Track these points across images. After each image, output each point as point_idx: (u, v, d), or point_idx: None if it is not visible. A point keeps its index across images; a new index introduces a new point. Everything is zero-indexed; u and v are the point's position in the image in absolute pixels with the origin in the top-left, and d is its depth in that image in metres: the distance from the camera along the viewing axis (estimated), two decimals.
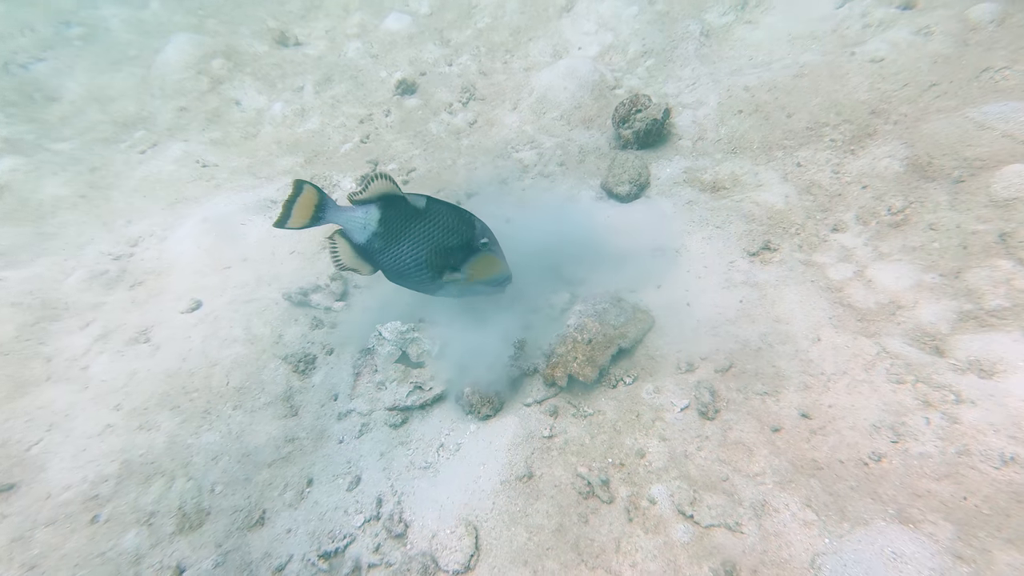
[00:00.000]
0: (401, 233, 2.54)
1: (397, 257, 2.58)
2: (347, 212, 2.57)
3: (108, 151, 5.04)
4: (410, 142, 4.72)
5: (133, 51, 6.15)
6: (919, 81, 3.37)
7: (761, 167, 3.51)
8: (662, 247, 3.35)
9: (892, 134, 3.22)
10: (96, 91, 5.66)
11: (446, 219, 2.54)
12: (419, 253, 2.55)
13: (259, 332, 3.48)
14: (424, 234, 2.54)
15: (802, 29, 4.30)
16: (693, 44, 4.63)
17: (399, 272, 2.64)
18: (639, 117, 3.92)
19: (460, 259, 2.58)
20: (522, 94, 4.79)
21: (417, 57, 5.55)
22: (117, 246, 4.16)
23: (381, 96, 5.24)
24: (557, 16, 5.52)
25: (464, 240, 2.56)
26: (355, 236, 2.59)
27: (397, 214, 2.53)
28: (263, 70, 5.68)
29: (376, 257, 2.61)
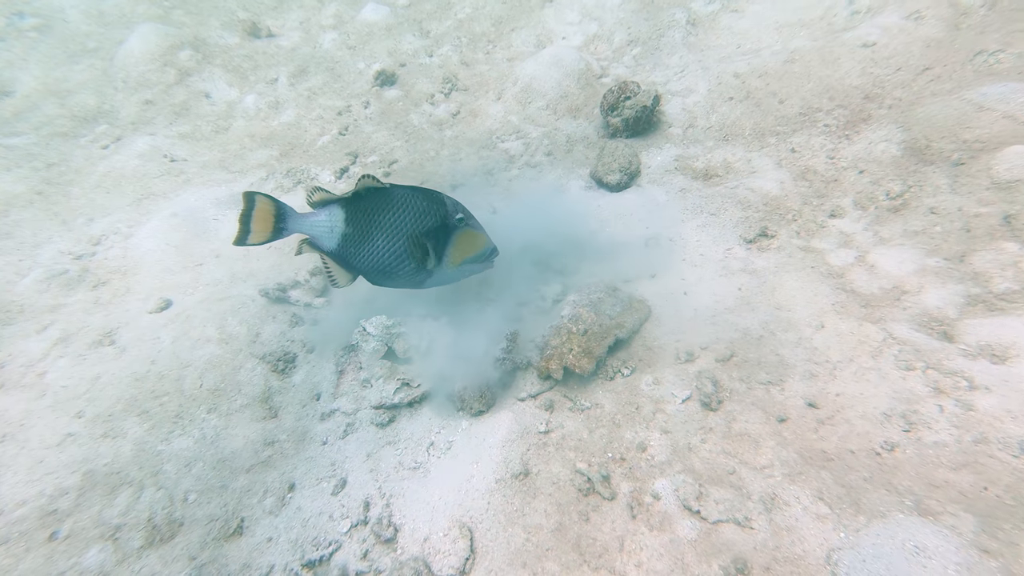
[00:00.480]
0: (372, 227, 2.34)
1: (374, 255, 2.38)
2: (310, 218, 2.38)
3: (67, 146, 4.76)
4: (391, 134, 4.55)
5: (93, 43, 5.86)
6: (912, 65, 3.33)
7: (754, 154, 3.43)
8: (656, 236, 3.25)
9: (887, 118, 3.17)
10: (53, 84, 5.36)
11: (414, 202, 2.36)
12: (397, 245, 2.36)
13: (234, 331, 3.27)
14: (396, 223, 2.35)
15: (789, 17, 4.26)
16: (680, 32, 4.56)
17: (381, 270, 2.44)
18: (628, 104, 3.83)
19: (440, 241, 2.40)
20: (506, 84, 4.66)
21: (396, 48, 5.39)
22: (78, 245, 3.91)
23: (359, 88, 5.06)
24: (540, 6, 5.40)
25: (439, 220, 2.38)
26: (324, 243, 2.40)
27: (362, 209, 2.34)
28: (234, 62, 5.45)
29: (352, 261, 2.42)
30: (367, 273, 2.49)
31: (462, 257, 2.45)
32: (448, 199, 2.43)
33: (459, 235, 2.42)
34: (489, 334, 3.06)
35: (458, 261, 2.46)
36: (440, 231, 2.39)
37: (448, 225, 2.40)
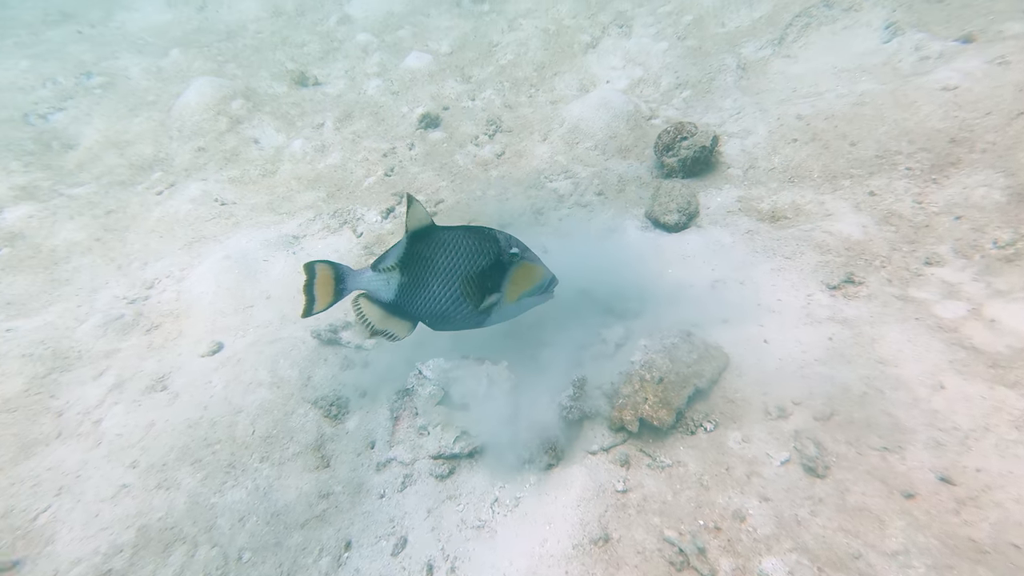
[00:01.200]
0: (426, 274, 2.35)
1: (431, 301, 2.38)
2: (366, 273, 2.45)
3: (124, 194, 4.88)
4: (436, 174, 4.56)
5: (151, 96, 6.10)
6: (1004, 110, 3.22)
7: (826, 196, 3.31)
8: (723, 279, 3.11)
9: (982, 163, 3.04)
10: (114, 136, 5.56)
11: (466, 243, 2.35)
12: (452, 289, 2.35)
13: (286, 374, 3.20)
14: (449, 267, 2.35)
15: (847, 63, 4.20)
16: (731, 76, 4.54)
17: (440, 316, 2.44)
18: (685, 145, 3.76)
19: (496, 279, 2.38)
20: (552, 125, 4.66)
21: (439, 93, 5.48)
22: (132, 289, 3.93)
23: (404, 130, 5.12)
24: (582, 52, 5.47)
25: (492, 258, 2.36)
26: (382, 295, 2.43)
27: (415, 256, 2.37)
28: (282, 109, 5.60)
29: (410, 309, 2.43)
30: (426, 319, 2.48)
31: (520, 292, 2.42)
32: (501, 235, 2.41)
33: (515, 270, 2.39)
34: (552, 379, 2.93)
35: (516, 296, 2.43)
36: (495, 269, 2.37)
37: (503, 262, 2.37)
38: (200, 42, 7.06)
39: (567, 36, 5.66)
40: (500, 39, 5.91)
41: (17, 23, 7.67)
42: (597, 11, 5.96)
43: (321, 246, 4.15)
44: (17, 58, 6.73)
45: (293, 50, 6.70)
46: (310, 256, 4.05)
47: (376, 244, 4.04)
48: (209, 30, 7.41)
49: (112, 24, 7.68)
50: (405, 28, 6.51)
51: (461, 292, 2.35)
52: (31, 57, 6.78)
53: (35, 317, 3.66)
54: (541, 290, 2.47)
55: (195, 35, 7.29)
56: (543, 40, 5.69)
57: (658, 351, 2.59)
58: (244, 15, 7.57)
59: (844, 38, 4.47)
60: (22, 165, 5.16)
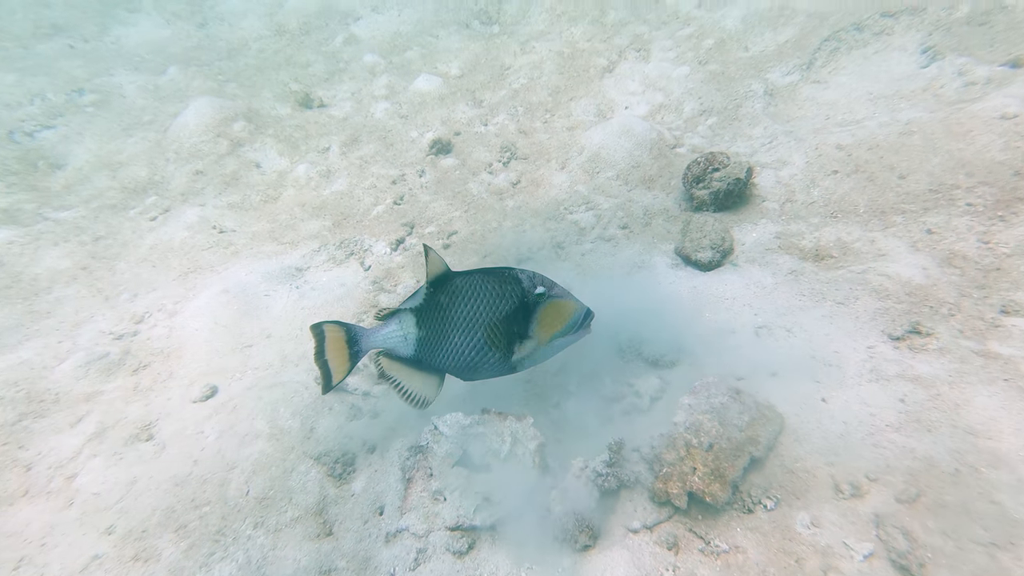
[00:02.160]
0: (446, 325, 2.20)
1: (454, 353, 2.22)
2: (381, 331, 2.28)
3: (116, 219, 4.61)
4: (449, 203, 4.31)
5: (148, 116, 5.87)
6: None
7: (876, 234, 3.06)
8: (768, 325, 2.84)
9: None
10: (106, 157, 5.30)
11: (485, 288, 2.19)
12: (476, 338, 2.19)
13: (286, 425, 2.90)
14: (470, 316, 2.18)
15: (883, 89, 4.00)
16: (759, 103, 4.33)
17: (468, 367, 2.28)
18: (717, 176, 3.53)
19: (523, 322, 2.21)
20: (570, 153, 4.44)
21: (450, 117, 5.26)
22: (120, 323, 3.63)
23: (413, 156, 4.89)
24: (599, 77, 5.28)
25: (516, 301, 2.19)
26: (402, 351, 2.27)
27: (432, 307, 2.22)
28: (285, 132, 5.37)
29: (434, 363, 2.27)
30: (453, 371, 2.32)
31: (551, 333, 2.24)
32: (524, 274, 2.24)
33: (543, 310, 2.21)
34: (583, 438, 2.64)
35: (548, 339, 2.25)
36: (521, 312, 2.20)
37: (529, 303, 2.20)
38: (200, 60, 6.86)
39: (582, 60, 5.47)
40: (512, 62, 5.72)
41: (5, 35, 7.44)
42: (613, 34, 5.79)
43: (326, 279, 3.88)
44: (3, 72, 6.49)
45: (297, 70, 6.51)
46: (315, 290, 3.77)
47: (385, 278, 3.77)
48: (209, 48, 7.22)
49: (107, 39, 7.47)
50: (413, 49, 6.33)
51: (485, 341, 2.19)
52: (19, 71, 6.54)
53: (9, 354, 3.36)
54: (575, 327, 2.27)
55: (194, 52, 7.09)
56: (557, 64, 5.50)
57: (705, 411, 2.30)
58: (246, 33, 7.39)
59: (877, 63, 4.28)
60: (4, 186, 4.89)
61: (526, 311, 2.19)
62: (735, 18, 5.36)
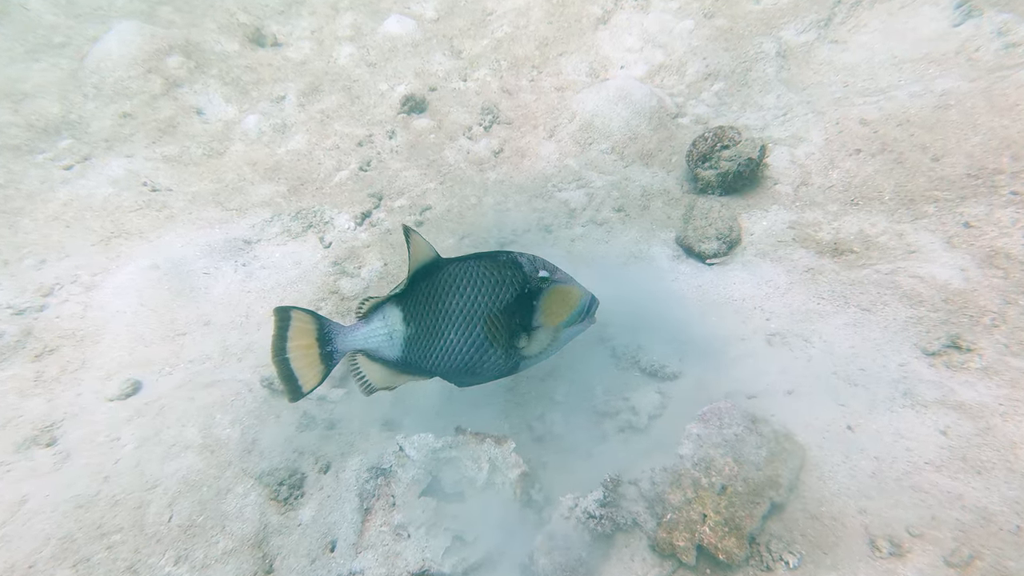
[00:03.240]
0: (439, 320, 1.88)
1: (449, 352, 1.90)
2: (361, 329, 1.90)
3: (19, 163, 3.92)
4: (422, 173, 3.79)
5: (59, 37, 5.00)
6: None
7: (906, 226, 2.71)
8: (782, 333, 2.50)
9: None
10: (6, 85, 4.50)
11: (482, 275, 1.91)
12: (473, 335, 1.89)
13: (223, 435, 2.46)
14: (466, 308, 1.88)
15: (909, 51, 3.59)
16: (772, 66, 3.88)
17: (465, 369, 1.95)
18: (727, 156, 3.11)
19: (526, 312, 1.93)
20: (560, 119, 3.94)
21: (424, 69, 4.64)
22: (21, 295, 3.07)
23: (382, 113, 4.30)
24: (592, 28, 4.71)
25: (518, 287, 1.92)
26: (386, 353, 1.91)
27: (421, 300, 1.89)
28: (233, 73, 4.66)
29: (425, 364, 1.93)
30: (446, 375, 1.98)
31: (557, 322, 1.97)
32: (524, 258, 1.97)
33: (547, 297, 1.94)
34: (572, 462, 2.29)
35: (554, 329, 1.98)
36: (523, 300, 1.92)
37: (532, 290, 1.93)
38: None
39: (574, 7, 4.87)
40: (495, 6, 5.08)
41: None
42: None
43: (279, 256, 3.36)
44: None
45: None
46: (265, 269, 3.27)
47: (348, 259, 3.28)
48: None
49: None
50: None
51: (485, 337, 1.89)
52: None
53: None
54: (582, 316, 2.01)
55: None
56: (546, 10, 4.89)
57: (717, 445, 1.96)
58: None
59: (903, 19, 3.83)
60: None
61: (529, 299, 1.91)
62: None
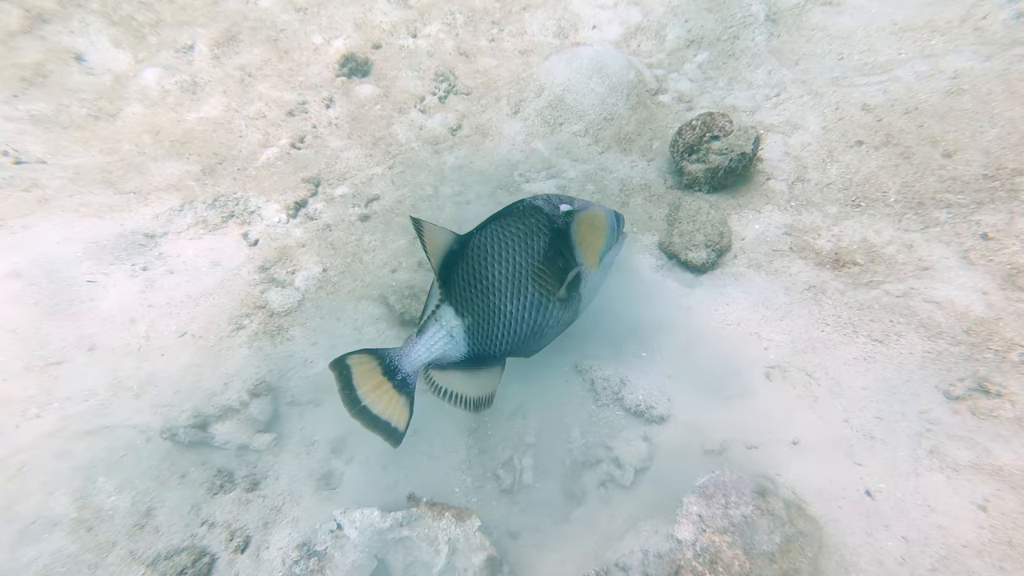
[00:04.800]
0: (490, 297, 1.83)
1: (513, 326, 1.86)
2: (420, 342, 1.82)
3: None
4: (367, 153, 3.21)
5: None
6: None
7: (915, 235, 2.41)
8: (782, 365, 2.19)
9: None
10: None
11: (508, 233, 1.85)
12: (528, 297, 1.85)
13: (107, 503, 1.97)
14: (511, 275, 1.83)
15: (911, 16, 3.22)
16: (761, 34, 3.44)
17: (532, 334, 1.91)
18: (716, 148, 2.71)
19: (565, 251, 1.89)
20: (526, 92, 3.40)
21: (365, 19, 3.94)
22: None
23: (318, 75, 3.63)
24: None
25: (548, 232, 1.88)
26: (453, 354, 1.85)
27: (464, 287, 1.83)
28: (123, 10, 3.81)
29: (492, 348, 1.88)
30: (515, 349, 1.93)
31: (598, 250, 1.94)
32: (542, 199, 1.93)
33: (577, 231, 1.90)
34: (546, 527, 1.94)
35: (597, 258, 1.94)
36: (557, 242, 1.88)
37: (562, 228, 1.89)
38: None
39: None
40: None
41: None
42: None
43: (191, 255, 2.78)
44: None
45: None
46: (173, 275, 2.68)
47: (279, 262, 2.73)
48: None
49: None
50: None
51: (539, 294, 1.85)
52: None
53: None
54: (615, 236, 1.99)
55: None
56: None
57: (722, 530, 1.65)
58: None
59: None
60: None
61: (562, 239, 1.88)
62: None
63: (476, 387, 1.86)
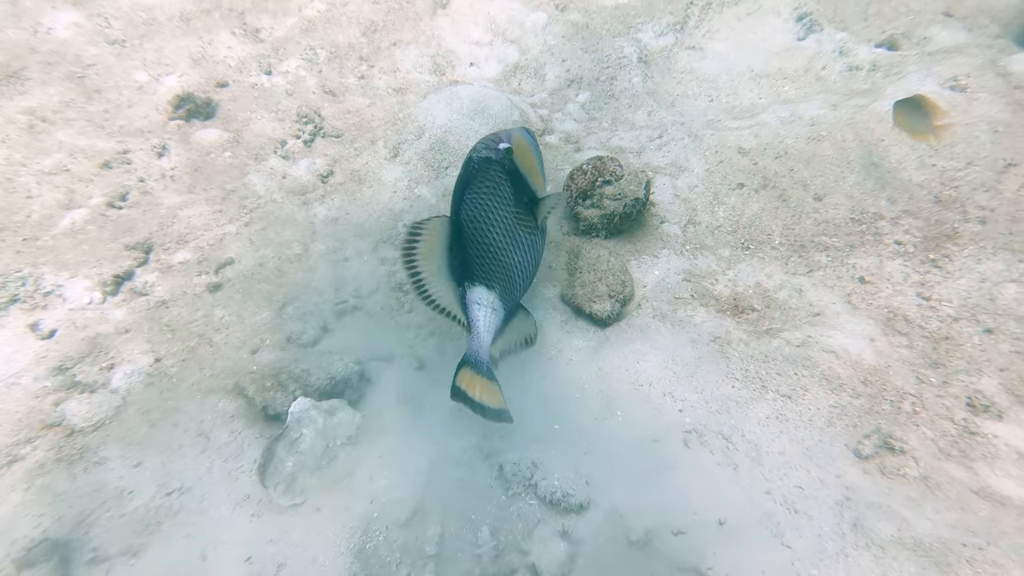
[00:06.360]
0: (501, 258, 2.02)
1: (522, 269, 2.09)
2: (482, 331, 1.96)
3: None
4: (216, 209, 2.72)
5: None
6: (986, 157, 2.58)
7: (802, 279, 2.43)
8: (699, 430, 2.08)
9: (989, 240, 2.36)
10: None
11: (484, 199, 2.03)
12: (521, 239, 2.06)
13: None
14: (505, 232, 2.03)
15: (764, 65, 3.39)
16: (636, 75, 3.45)
17: (534, 267, 2.18)
18: (610, 193, 2.59)
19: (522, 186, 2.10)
20: (405, 134, 3.10)
21: (205, 54, 3.42)
22: None
23: (144, 117, 3.05)
24: (429, 14, 3.88)
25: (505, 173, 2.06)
26: (499, 323, 2.02)
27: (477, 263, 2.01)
28: None
29: (517, 297, 2.11)
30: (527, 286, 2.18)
31: (538, 171, 2.16)
32: (487, 150, 2.08)
33: (520, 162, 2.08)
34: None
35: (542, 179, 2.18)
36: (515, 180, 2.08)
37: (509, 168, 2.07)
38: None
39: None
40: None
41: None
42: None
43: None
44: None
45: None
46: None
47: (86, 358, 2.17)
48: None
49: None
50: None
51: (525, 232, 2.08)
52: None
53: None
54: (538, 148, 2.20)
55: None
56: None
57: None
58: None
59: (751, 26, 3.66)
60: None
61: (515, 176, 2.07)
62: None
63: (521, 333, 2.10)
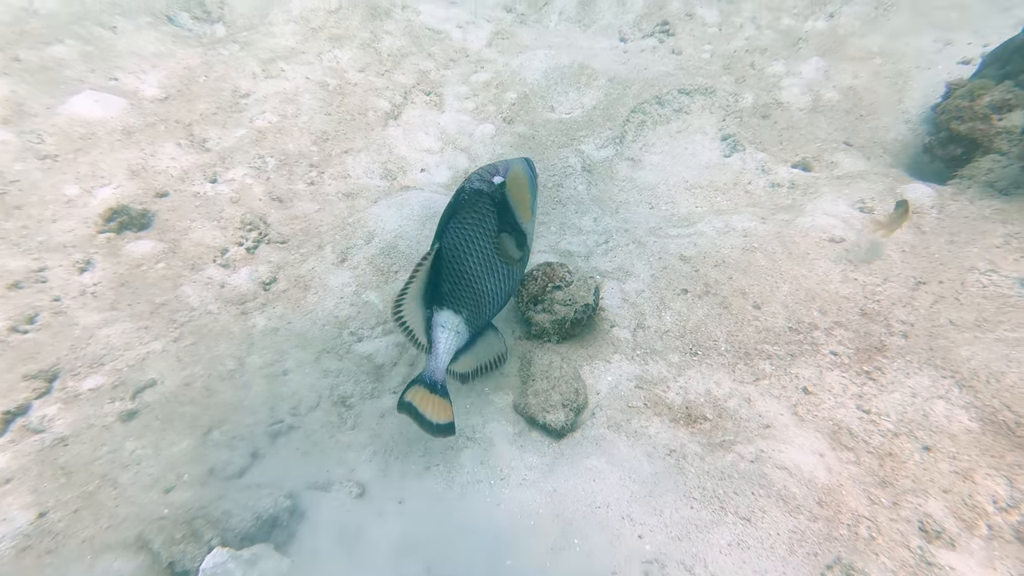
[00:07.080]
0: (474, 285, 2.13)
1: (495, 299, 2.22)
2: (441, 353, 2.09)
3: None
4: (141, 325, 2.56)
5: None
6: (900, 275, 2.76)
7: (750, 388, 2.44)
8: (659, 559, 1.97)
9: (914, 355, 2.46)
10: None
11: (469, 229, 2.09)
12: (496, 269, 2.17)
13: None
14: (482, 259, 2.12)
15: (696, 177, 3.61)
16: (581, 183, 3.60)
17: (506, 295, 2.32)
18: (560, 298, 2.60)
19: (509, 220, 2.16)
20: (354, 239, 3.08)
21: (146, 165, 3.37)
22: None
23: (70, 231, 2.94)
24: (382, 124, 4.02)
25: (493, 206, 2.12)
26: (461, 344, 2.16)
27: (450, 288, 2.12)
28: None
29: (483, 322, 2.25)
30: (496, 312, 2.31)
31: (527, 204, 2.22)
32: (479, 182, 2.13)
33: (511, 195, 2.14)
34: None
35: (529, 212, 2.24)
36: (503, 213, 2.14)
37: (499, 201, 2.13)
38: None
39: (357, 98, 4.13)
40: (252, 87, 4.05)
41: None
42: (392, 67, 4.55)
43: None
44: None
45: None
46: None
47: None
48: None
49: None
50: (66, 43, 4.01)
51: (502, 263, 2.17)
52: None
53: None
54: (535, 182, 2.28)
55: None
56: (322, 99, 4.05)
57: None
58: None
59: (683, 143, 3.95)
60: None
61: (504, 209, 2.14)
62: (536, 70, 4.63)
63: (490, 351, 2.24)
